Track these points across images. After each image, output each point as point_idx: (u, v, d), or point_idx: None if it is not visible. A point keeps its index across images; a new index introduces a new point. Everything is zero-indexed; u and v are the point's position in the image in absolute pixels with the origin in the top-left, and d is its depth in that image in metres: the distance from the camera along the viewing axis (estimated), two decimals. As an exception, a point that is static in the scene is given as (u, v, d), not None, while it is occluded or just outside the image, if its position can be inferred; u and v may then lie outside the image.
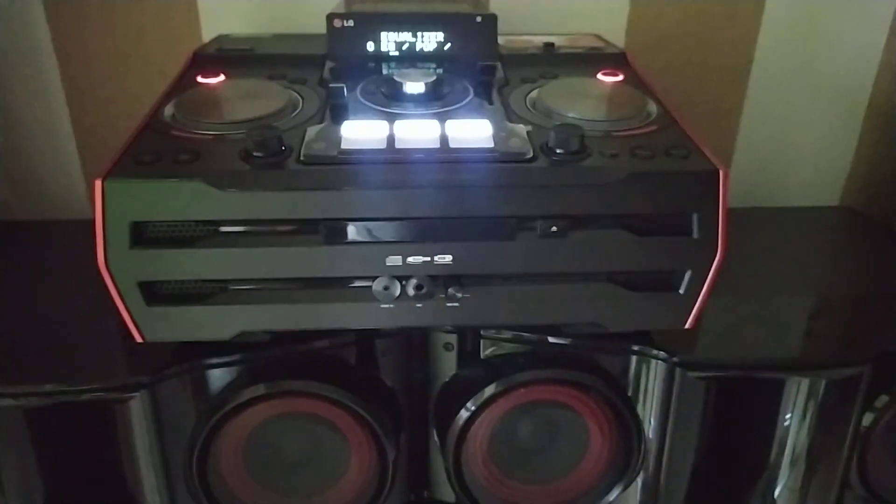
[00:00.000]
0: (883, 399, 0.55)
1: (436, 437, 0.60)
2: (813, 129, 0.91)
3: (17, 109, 0.80)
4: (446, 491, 0.64)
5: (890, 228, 0.83)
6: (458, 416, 0.55)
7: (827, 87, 0.89)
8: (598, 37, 0.72)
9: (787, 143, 0.92)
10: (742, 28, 0.85)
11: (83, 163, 0.84)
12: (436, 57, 0.61)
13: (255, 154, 0.45)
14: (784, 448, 0.58)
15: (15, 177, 0.83)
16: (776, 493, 0.60)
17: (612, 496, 0.57)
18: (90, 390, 0.49)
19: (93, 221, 0.44)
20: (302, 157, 0.45)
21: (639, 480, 0.58)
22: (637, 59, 0.64)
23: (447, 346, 0.58)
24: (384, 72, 0.58)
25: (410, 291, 0.46)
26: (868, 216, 0.86)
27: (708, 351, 0.54)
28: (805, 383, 0.55)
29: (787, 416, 0.57)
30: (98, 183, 0.42)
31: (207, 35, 0.78)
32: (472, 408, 0.55)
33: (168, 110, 0.51)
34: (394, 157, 0.45)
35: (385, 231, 0.45)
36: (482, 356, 0.57)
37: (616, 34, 0.83)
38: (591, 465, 0.57)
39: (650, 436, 0.56)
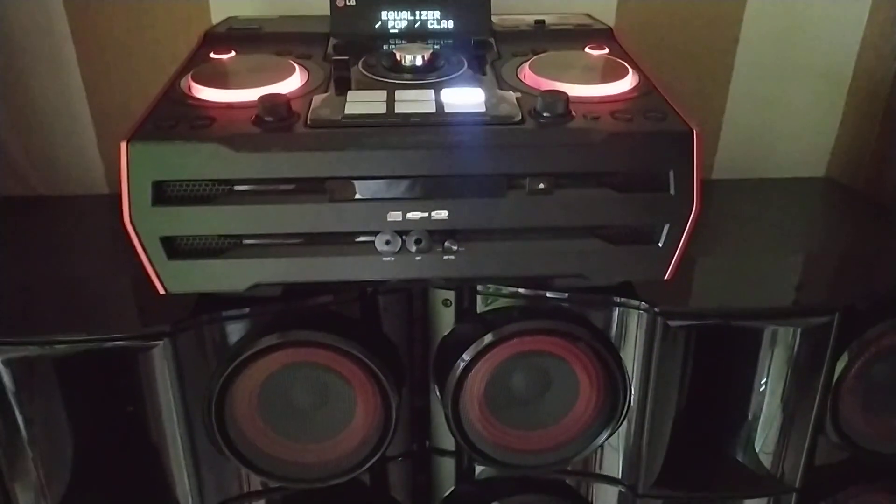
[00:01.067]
0: (853, 349, 0.59)
1: (436, 390, 0.64)
2: (797, 107, 0.94)
3: (36, 90, 0.84)
4: (446, 441, 0.68)
5: (868, 197, 0.86)
6: (456, 366, 0.59)
7: (810, 66, 0.92)
8: (588, 16, 0.76)
9: (772, 119, 0.95)
10: (727, 9, 0.88)
11: (99, 141, 0.88)
12: (433, 33, 0.65)
13: (265, 119, 0.49)
14: (761, 396, 0.62)
15: (35, 155, 0.87)
16: (755, 439, 0.64)
17: (601, 440, 0.61)
18: (116, 339, 0.53)
19: (118, 183, 0.48)
20: (309, 122, 0.49)
21: (625, 426, 0.62)
22: (626, 39, 0.68)
23: (445, 303, 0.62)
24: (384, 47, 0.62)
25: (410, 246, 0.50)
26: (848, 187, 0.89)
27: (688, 301, 0.58)
28: (779, 332, 0.59)
29: (764, 364, 0.61)
30: (123, 145, 0.46)
31: (216, 18, 0.82)
32: (468, 358, 0.59)
33: (184, 82, 0.55)
34: (393, 121, 0.49)
35: (386, 189, 0.49)
36: (478, 311, 0.61)
37: (606, 15, 0.86)
38: (581, 412, 0.61)
39: (635, 383, 0.60)
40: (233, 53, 0.61)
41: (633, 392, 0.60)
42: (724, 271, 0.65)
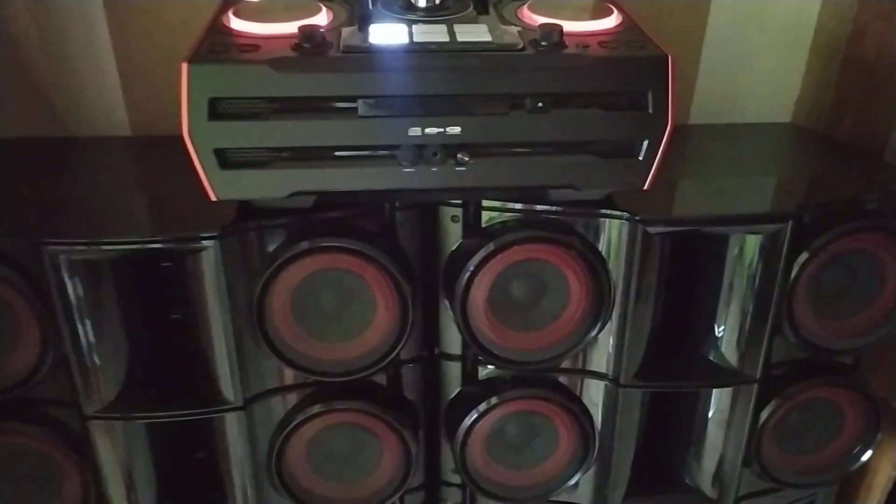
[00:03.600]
0: (804, 256, 0.69)
1: (445, 300, 0.73)
2: (766, 59, 1.03)
3: (66, 41, 0.91)
4: (453, 347, 0.77)
5: (826, 138, 0.96)
6: (463, 273, 0.68)
7: (777, 24, 1.01)
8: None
9: (743, 71, 1.04)
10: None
11: (124, 90, 0.95)
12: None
13: (304, 45, 0.57)
14: (727, 299, 0.72)
15: (67, 98, 0.93)
16: (721, 337, 0.74)
17: (590, 337, 0.71)
18: (172, 240, 0.62)
19: (179, 102, 0.56)
20: (341, 48, 0.57)
21: (610, 326, 0.71)
22: None
23: (454, 219, 0.71)
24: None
25: (429, 157, 0.59)
26: (809, 129, 0.99)
27: (664, 211, 0.67)
28: (741, 239, 0.68)
29: (729, 271, 0.70)
30: (185, 65, 0.54)
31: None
32: (472, 267, 0.67)
33: (226, 19, 0.63)
34: (413, 48, 0.57)
35: (407, 107, 0.57)
36: (483, 226, 0.70)
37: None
38: (572, 314, 0.70)
39: (618, 286, 0.69)
40: (263, -2, 0.68)
41: (616, 294, 0.70)
42: (697, 189, 0.75)
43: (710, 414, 0.78)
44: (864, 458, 0.81)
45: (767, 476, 0.79)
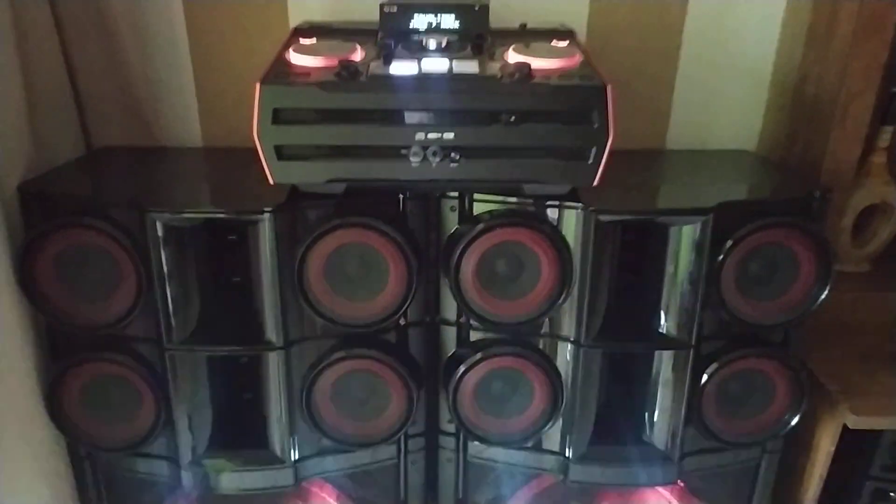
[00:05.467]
0: (728, 243, 0.87)
1: (443, 274, 0.92)
2: (731, 97, 1.22)
3: (155, 69, 1.15)
4: (450, 314, 0.96)
5: (775, 163, 1.14)
6: (456, 249, 0.87)
7: (739, 65, 1.20)
8: (562, 24, 1.05)
9: (711, 106, 1.22)
10: (671, 20, 1.17)
11: (199, 109, 1.18)
12: (448, 29, 0.94)
13: (342, 73, 0.78)
14: (668, 278, 0.90)
15: (154, 115, 1.17)
16: (663, 311, 0.92)
17: (558, 304, 0.89)
18: (239, 212, 0.83)
19: (245, 118, 0.78)
20: (369, 76, 0.79)
21: (573, 298, 0.89)
22: (595, 41, 0.97)
23: (452, 209, 0.91)
24: (414, 38, 0.92)
25: (430, 156, 0.79)
26: (762, 156, 1.17)
27: (613, 204, 0.86)
28: (677, 229, 0.87)
29: (669, 254, 0.89)
30: (258, 85, 0.76)
31: (293, 22, 1.13)
32: (462, 245, 0.87)
33: (287, 54, 0.85)
34: (421, 77, 0.79)
35: (415, 118, 0.78)
36: (474, 214, 0.90)
37: (580, 26, 1.15)
38: (543, 286, 0.89)
39: (578, 264, 0.88)
40: (314, 40, 0.91)
41: (577, 271, 0.88)
42: (647, 193, 0.94)
43: (658, 377, 0.95)
44: (793, 423, 0.97)
45: (708, 434, 0.96)
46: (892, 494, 1.11)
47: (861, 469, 1.09)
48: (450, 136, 0.79)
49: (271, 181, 0.81)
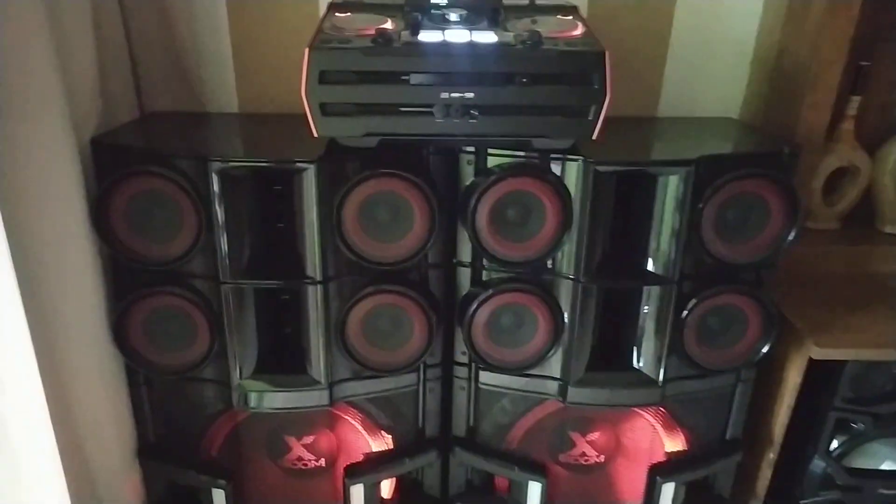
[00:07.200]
0: (709, 191, 1.00)
1: (460, 221, 1.06)
2: (717, 68, 1.35)
3: (199, 43, 1.27)
4: (465, 256, 1.09)
5: (756, 129, 1.27)
6: (471, 198, 1.01)
7: (724, 41, 1.33)
8: (567, 0, 1.18)
9: (699, 78, 1.36)
10: (663, 1, 1.30)
11: (237, 79, 1.31)
12: (466, 4, 1.07)
13: (378, 40, 0.91)
14: (657, 223, 1.03)
15: (197, 84, 1.30)
16: (652, 250, 1.05)
17: (561, 246, 1.03)
18: (288, 161, 0.97)
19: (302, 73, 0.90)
20: (401, 43, 0.91)
21: (574, 238, 1.03)
22: (595, 21, 1.09)
23: (469, 162, 1.04)
24: (437, 12, 1.04)
25: (452, 112, 0.92)
26: (742, 122, 1.31)
27: (609, 155, 1.00)
28: (664, 178, 1.00)
29: (658, 202, 1.02)
30: (307, 50, 0.89)
31: (322, 3, 1.25)
32: (477, 193, 1.00)
33: (326, 25, 0.98)
34: (445, 44, 0.92)
35: (440, 79, 0.91)
36: (488, 167, 1.03)
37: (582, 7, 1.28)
38: (547, 230, 1.03)
39: (578, 210, 1.01)
40: (349, 14, 1.03)
41: (576, 217, 1.02)
42: (640, 149, 1.07)
43: (646, 311, 1.08)
44: (763, 351, 1.11)
45: (688, 361, 1.10)
46: (853, 425, 1.26)
47: (826, 402, 1.23)
48: (470, 95, 0.92)
49: (315, 134, 0.94)
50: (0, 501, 0.97)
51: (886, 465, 1.30)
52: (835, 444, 1.26)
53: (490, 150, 1.02)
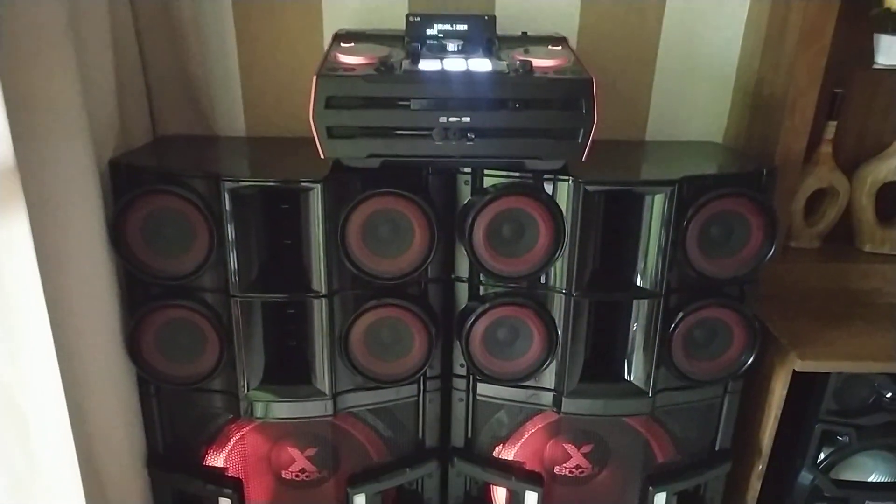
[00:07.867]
0: (691, 210, 1.06)
1: (458, 237, 1.11)
2: (700, 97, 1.43)
3: (209, 71, 1.34)
4: (463, 272, 1.15)
5: (732, 150, 1.34)
6: (469, 215, 1.07)
7: (707, 70, 1.41)
8: (557, 32, 1.26)
9: (684, 105, 1.43)
10: (649, 32, 1.38)
11: (244, 104, 1.38)
12: (462, 35, 1.14)
13: (380, 68, 0.98)
14: (644, 240, 1.09)
15: (207, 109, 1.36)
16: (639, 266, 1.11)
17: (553, 261, 1.08)
18: (296, 181, 1.03)
19: (310, 99, 0.97)
20: (402, 71, 0.98)
21: (565, 254, 1.09)
22: (584, 50, 1.17)
23: (466, 182, 1.10)
24: (436, 42, 1.12)
25: (450, 135, 0.99)
26: (724, 146, 1.38)
27: (598, 176, 1.06)
28: (650, 198, 1.06)
29: (643, 220, 1.08)
30: (315, 77, 0.96)
31: (327, 31, 1.32)
32: (474, 211, 1.06)
33: (332, 54, 1.05)
34: (443, 72, 0.99)
35: (439, 104, 0.97)
36: (484, 187, 1.09)
37: (571, 39, 1.36)
38: (541, 246, 1.09)
39: (569, 228, 1.07)
40: (353, 44, 1.11)
41: (568, 233, 1.07)
42: (626, 170, 1.13)
43: (636, 324, 1.14)
44: (748, 363, 1.16)
45: (676, 372, 1.15)
46: (839, 438, 1.30)
47: (811, 414, 1.28)
48: (466, 119, 0.98)
49: (322, 156, 1.00)
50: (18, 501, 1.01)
51: (874, 478, 1.34)
52: (822, 456, 1.30)
53: (486, 171, 1.09)
